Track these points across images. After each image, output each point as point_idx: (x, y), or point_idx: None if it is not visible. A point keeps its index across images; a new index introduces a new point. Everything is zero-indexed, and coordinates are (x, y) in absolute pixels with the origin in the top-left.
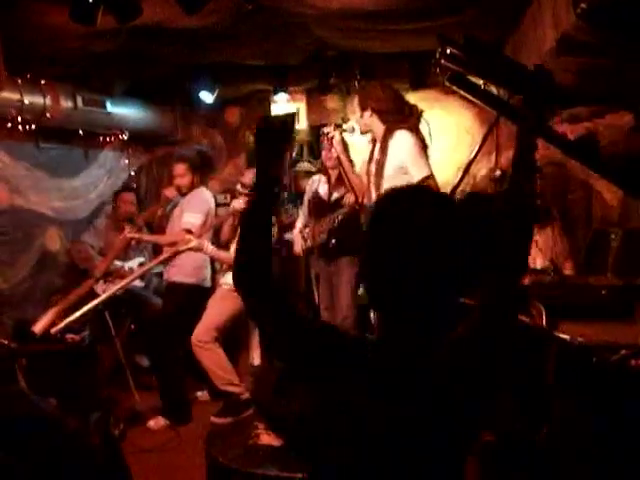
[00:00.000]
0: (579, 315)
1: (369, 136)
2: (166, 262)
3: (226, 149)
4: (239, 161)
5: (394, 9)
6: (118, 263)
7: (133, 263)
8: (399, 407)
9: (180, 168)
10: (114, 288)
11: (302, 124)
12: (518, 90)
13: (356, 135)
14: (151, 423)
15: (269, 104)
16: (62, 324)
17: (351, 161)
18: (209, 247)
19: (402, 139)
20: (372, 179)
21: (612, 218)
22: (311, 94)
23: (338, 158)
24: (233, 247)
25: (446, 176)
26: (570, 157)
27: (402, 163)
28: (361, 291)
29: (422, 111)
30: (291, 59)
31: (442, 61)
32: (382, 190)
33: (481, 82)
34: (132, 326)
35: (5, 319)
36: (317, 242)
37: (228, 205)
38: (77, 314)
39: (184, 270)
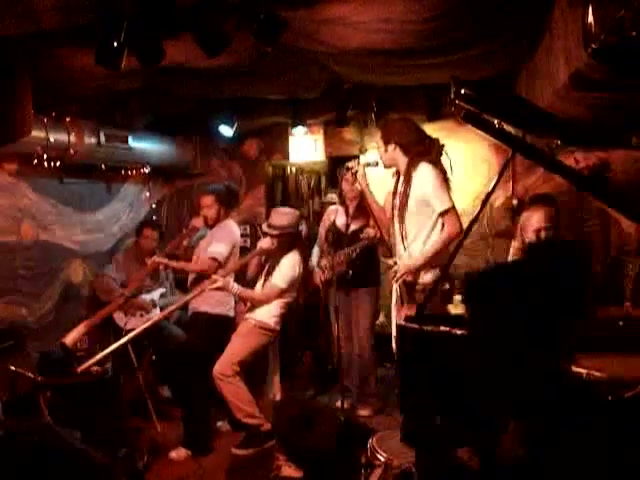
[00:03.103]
0: (596, 347)
1: (389, 169)
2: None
3: (245, 181)
4: (258, 193)
5: (411, 47)
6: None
7: (154, 295)
8: None
9: (207, 199)
10: (143, 326)
11: (320, 156)
12: (530, 129)
13: (378, 168)
14: (173, 454)
15: (287, 136)
16: (88, 363)
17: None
18: (235, 286)
19: (424, 172)
20: (396, 212)
21: (630, 246)
22: (328, 126)
23: (362, 192)
24: (259, 285)
25: (463, 205)
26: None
27: (424, 196)
28: (379, 321)
29: (443, 145)
30: (308, 93)
31: (457, 101)
32: (406, 223)
33: (496, 120)
34: (153, 357)
35: (30, 351)
36: (335, 273)
37: (246, 236)
38: (103, 352)
39: (210, 300)
